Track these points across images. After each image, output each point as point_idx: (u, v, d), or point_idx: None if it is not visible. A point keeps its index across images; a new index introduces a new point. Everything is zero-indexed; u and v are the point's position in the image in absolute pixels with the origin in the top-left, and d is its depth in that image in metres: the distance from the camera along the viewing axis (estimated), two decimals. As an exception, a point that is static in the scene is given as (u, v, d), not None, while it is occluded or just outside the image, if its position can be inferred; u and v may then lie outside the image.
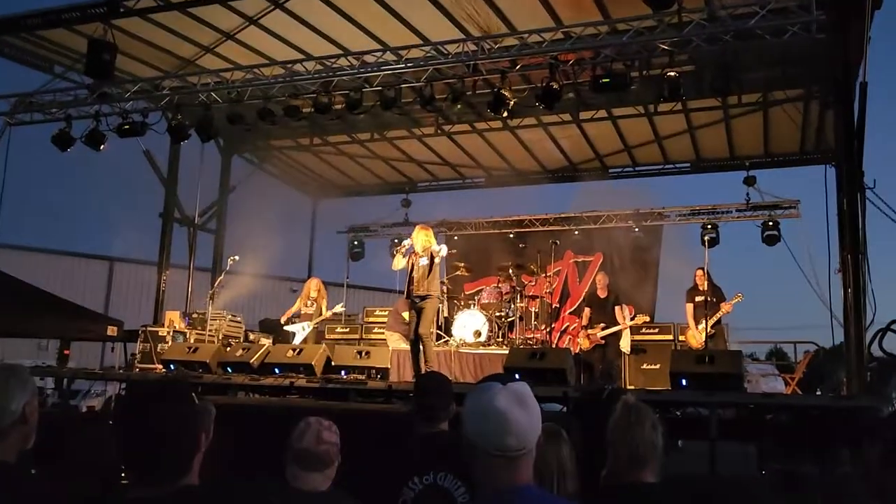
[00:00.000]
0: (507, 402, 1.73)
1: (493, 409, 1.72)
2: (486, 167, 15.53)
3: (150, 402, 1.90)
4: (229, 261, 11.70)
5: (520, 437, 1.71)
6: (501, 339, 11.43)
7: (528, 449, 1.74)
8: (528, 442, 1.73)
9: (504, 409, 1.71)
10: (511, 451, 1.70)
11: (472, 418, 1.76)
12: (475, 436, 1.73)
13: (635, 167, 14.96)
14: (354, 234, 16.80)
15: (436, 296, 9.06)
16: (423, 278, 8.98)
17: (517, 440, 1.71)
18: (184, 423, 1.90)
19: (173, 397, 1.95)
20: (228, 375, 9.42)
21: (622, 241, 14.18)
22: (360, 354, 9.44)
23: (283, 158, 16.00)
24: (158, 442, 1.84)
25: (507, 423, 1.70)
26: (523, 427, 1.72)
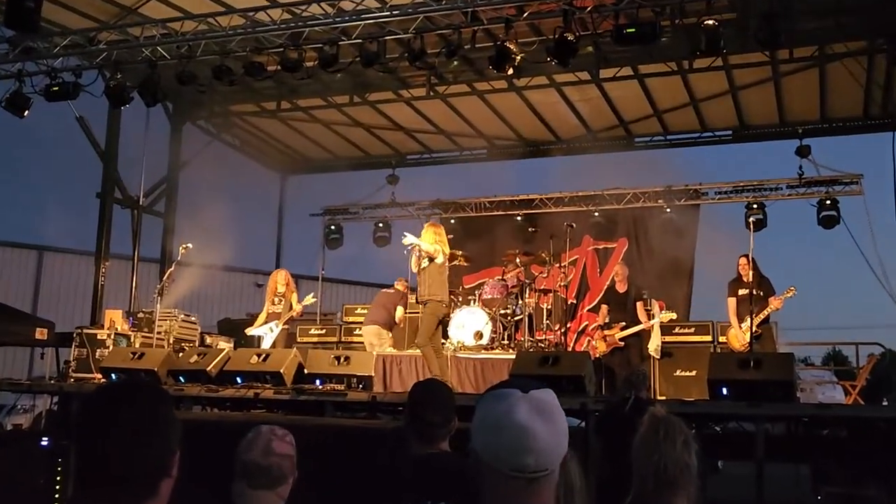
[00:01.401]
0: (528, 414, 1.67)
1: (511, 422, 1.66)
2: (487, 136, 15.51)
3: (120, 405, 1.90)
4: (181, 250, 11.69)
5: (541, 457, 1.65)
6: (507, 342, 11.44)
7: (551, 470, 1.68)
8: (550, 462, 1.67)
9: (524, 423, 1.65)
10: (530, 472, 1.64)
11: (484, 431, 1.70)
12: (486, 453, 1.68)
13: (666, 136, 14.96)
14: (330, 218, 16.78)
15: (437, 301, 9.32)
16: (423, 281, 9.34)
17: (538, 460, 1.65)
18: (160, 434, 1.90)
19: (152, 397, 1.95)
20: (181, 386, 9.43)
21: (651, 225, 14.19)
22: (339, 360, 9.46)
23: (245, 127, 15.96)
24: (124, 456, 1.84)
25: (526, 438, 1.64)
26: (546, 444, 1.66)
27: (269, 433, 3.24)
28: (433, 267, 9.55)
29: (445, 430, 3.30)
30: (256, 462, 3.14)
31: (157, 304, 11.65)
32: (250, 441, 3.20)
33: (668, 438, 2.77)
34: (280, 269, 12.68)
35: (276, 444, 3.20)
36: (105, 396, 1.94)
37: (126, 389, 1.96)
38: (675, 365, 11.49)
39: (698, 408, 7.81)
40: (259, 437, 3.20)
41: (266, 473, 3.14)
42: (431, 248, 9.46)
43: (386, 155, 16.55)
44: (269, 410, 9.28)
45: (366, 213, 16.63)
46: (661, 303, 12.36)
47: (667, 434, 2.79)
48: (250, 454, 3.15)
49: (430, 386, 3.70)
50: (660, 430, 2.81)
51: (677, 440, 2.78)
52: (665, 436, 2.78)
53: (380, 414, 8.98)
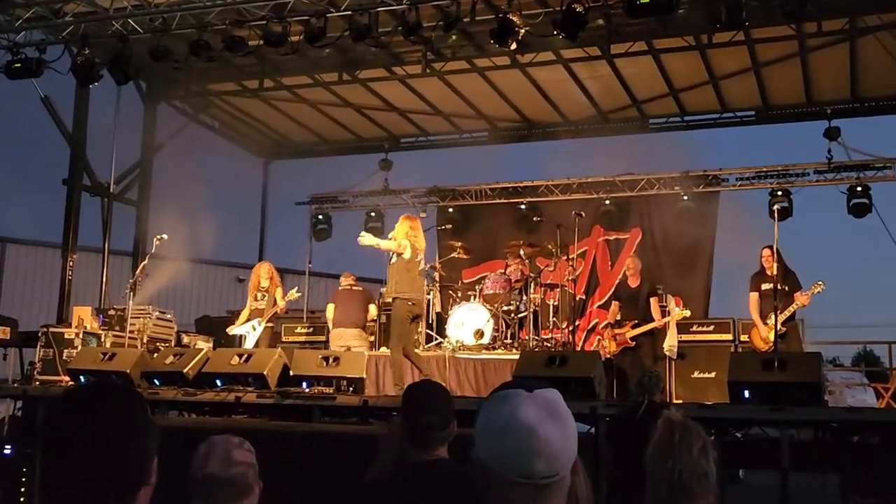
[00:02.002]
0: (535, 415, 1.68)
1: (517, 423, 1.67)
2: (489, 117, 15.48)
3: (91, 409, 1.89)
4: (155, 241, 11.67)
5: (551, 460, 1.66)
6: (510, 341, 11.46)
7: (562, 476, 1.69)
8: (560, 466, 1.68)
9: (532, 424, 1.66)
10: (539, 477, 1.65)
11: (488, 435, 1.71)
12: (492, 459, 1.68)
13: (684, 117, 14.93)
14: (318, 207, 16.75)
15: (403, 298, 9.49)
16: (391, 277, 9.62)
17: (548, 464, 1.66)
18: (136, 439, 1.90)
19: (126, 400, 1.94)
20: (155, 389, 9.43)
21: (666, 214, 14.18)
22: (327, 361, 9.45)
23: (225, 107, 15.92)
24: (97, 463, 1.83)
25: (535, 440, 1.65)
26: (556, 446, 1.67)
27: (225, 442, 3.17)
28: (400, 262, 9.68)
29: (444, 435, 3.29)
30: (217, 475, 3.07)
31: (129, 300, 11.62)
32: (205, 454, 3.12)
33: (684, 444, 2.77)
34: (263, 261, 12.68)
35: (235, 452, 3.13)
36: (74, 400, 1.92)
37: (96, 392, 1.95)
38: (693, 366, 11.50)
39: (717, 412, 7.81)
40: (215, 448, 3.13)
41: (230, 486, 3.07)
42: (395, 243, 9.60)
43: (378, 138, 16.51)
44: (251, 415, 9.27)
45: (356, 201, 16.60)
46: (677, 299, 12.35)
47: (682, 439, 2.79)
48: (208, 468, 3.08)
49: (426, 387, 3.69)
50: (675, 435, 2.81)
51: (694, 446, 2.78)
52: (680, 441, 2.78)
53: (372, 419, 8.98)
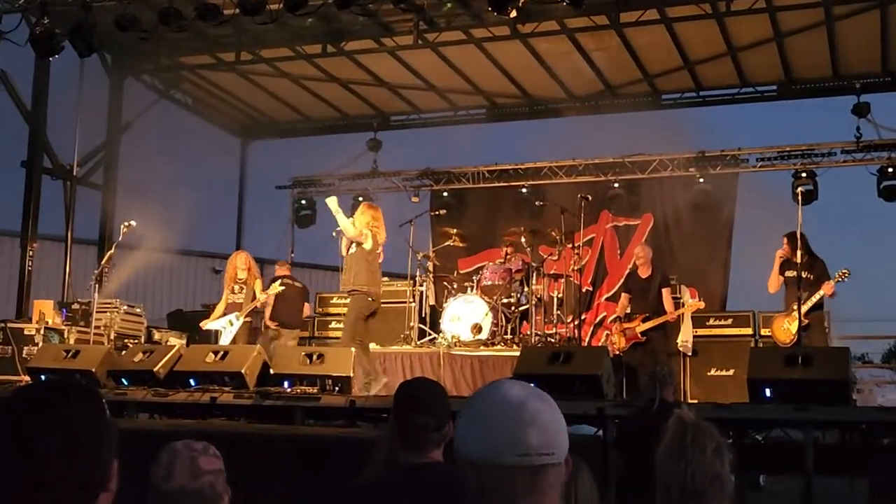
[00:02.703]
0: (521, 391, 1.82)
1: (506, 400, 1.80)
2: (487, 93, 15.46)
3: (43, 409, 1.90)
4: (123, 229, 11.63)
5: (544, 433, 1.77)
6: (510, 336, 11.48)
7: (558, 458, 1.79)
8: (555, 444, 1.79)
9: (520, 398, 1.80)
10: (534, 453, 1.75)
11: (476, 423, 1.82)
12: (482, 447, 1.78)
13: (699, 92, 14.92)
14: (301, 191, 16.75)
15: (362, 292, 9.71)
16: (349, 268, 9.82)
17: (541, 436, 1.76)
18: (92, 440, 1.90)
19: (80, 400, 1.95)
20: (123, 389, 9.43)
21: (680, 197, 14.19)
22: (311, 358, 9.46)
23: (198, 82, 15.87)
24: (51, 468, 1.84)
25: (525, 411, 1.77)
26: (547, 419, 1.79)
27: (188, 450, 3.11)
28: (359, 253, 9.83)
29: (439, 436, 3.30)
30: (183, 488, 3.01)
31: (94, 293, 11.59)
32: (168, 464, 3.06)
33: (697, 445, 2.79)
34: (240, 251, 12.68)
35: (201, 460, 3.08)
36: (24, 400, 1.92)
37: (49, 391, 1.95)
38: (709, 362, 11.54)
39: (736, 412, 7.83)
40: (179, 458, 3.07)
41: (198, 498, 3.02)
42: (355, 230, 9.76)
43: (366, 116, 16.48)
44: (228, 418, 9.27)
45: (343, 184, 16.58)
46: (691, 290, 12.39)
47: (695, 440, 2.80)
48: (173, 480, 3.02)
49: (420, 384, 3.69)
50: (687, 436, 2.82)
51: (707, 447, 2.80)
52: (693, 442, 2.79)
53: (360, 422, 8.99)
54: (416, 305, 12.56)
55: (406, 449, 3.33)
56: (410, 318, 12.19)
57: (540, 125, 16.14)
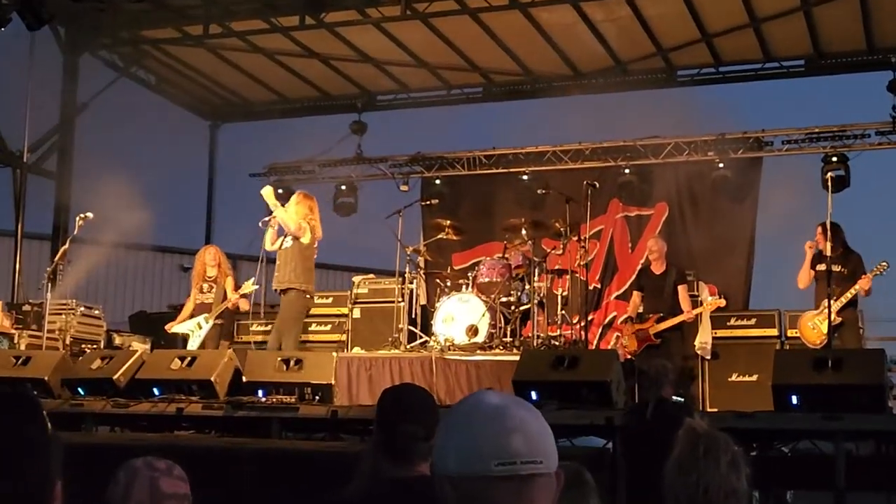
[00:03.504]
0: (500, 399, 1.84)
1: (484, 408, 1.83)
2: (484, 69, 15.43)
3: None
4: (79, 221, 11.63)
5: (530, 440, 1.78)
6: (510, 339, 11.45)
7: (547, 467, 1.79)
8: (543, 451, 1.79)
9: (499, 404, 1.82)
10: (520, 460, 1.76)
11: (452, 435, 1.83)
12: (462, 460, 1.79)
13: (718, 67, 14.91)
14: (277, 179, 16.68)
15: (300, 290, 10.01)
16: (284, 264, 10.03)
17: (527, 442, 1.77)
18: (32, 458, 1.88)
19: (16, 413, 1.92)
20: (80, 400, 9.41)
21: (698, 185, 14.19)
22: (288, 364, 9.44)
23: (163, 58, 15.82)
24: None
25: (507, 418, 1.79)
26: (532, 426, 1.80)
27: (150, 469, 3.04)
28: (296, 248, 10.03)
29: (427, 447, 3.28)
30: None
31: (47, 292, 11.59)
32: (126, 485, 2.98)
33: (710, 456, 2.78)
34: (209, 245, 12.66)
35: (163, 482, 3.02)
36: None
37: None
38: (730, 367, 11.53)
39: (760, 422, 7.81)
40: (138, 478, 2.99)
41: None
42: (295, 223, 9.94)
43: (349, 95, 16.48)
44: (197, 430, 9.26)
45: (324, 171, 16.58)
46: (711, 287, 12.38)
47: (708, 451, 2.80)
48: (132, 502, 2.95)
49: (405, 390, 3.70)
50: (699, 447, 2.82)
51: (721, 459, 2.80)
52: (706, 454, 2.78)
53: (343, 434, 8.97)
54: (405, 305, 12.52)
55: (391, 461, 3.32)
56: (399, 319, 12.16)
57: (542, 105, 16.12)
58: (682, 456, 2.78)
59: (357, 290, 13.26)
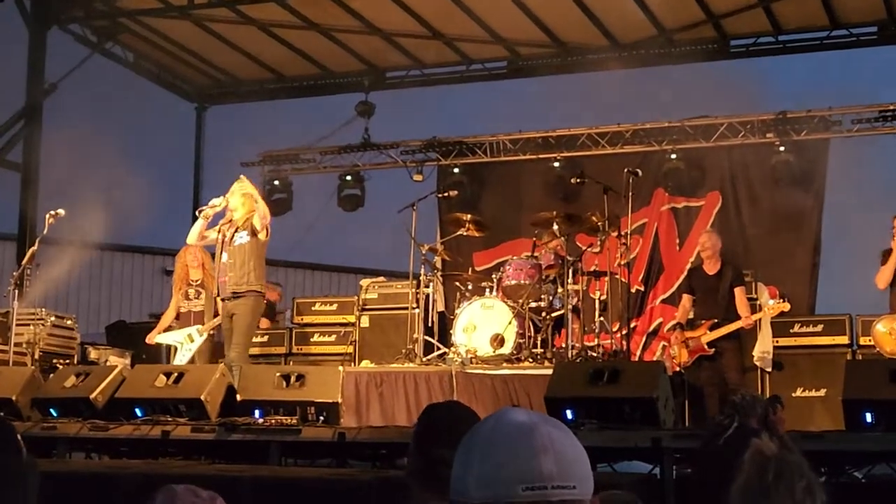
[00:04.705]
0: (527, 416, 1.85)
1: (512, 425, 1.83)
2: (508, 41, 15.42)
3: None
4: (48, 219, 11.66)
5: (562, 461, 1.78)
6: (541, 350, 11.45)
7: (581, 493, 1.79)
8: (576, 475, 1.79)
9: (526, 422, 1.83)
10: (550, 485, 1.75)
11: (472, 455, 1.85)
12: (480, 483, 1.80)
13: (778, 36, 14.85)
14: (273, 169, 16.76)
15: (258, 293, 10.17)
16: (238, 263, 10.08)
17: (558, 464, 1.77)
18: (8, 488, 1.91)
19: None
20: (52, 422, 9.41)
21: (756, 171, 14.16)
22: (288, 380, 9.46)
23: (143, 32, 15.87)
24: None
25: (535, 437, 1.80)
26: (566, 447, 1.80)
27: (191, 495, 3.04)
28: (254, 245, 10.16)
29: None
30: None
31: (13, 301, 11.63)
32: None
33: (782, 483, 2.77)
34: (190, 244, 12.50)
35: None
36: None
37: None
38: (794, 380, 11.50)
39: (829, 443, 7.79)
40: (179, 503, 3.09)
41: None
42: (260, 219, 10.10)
43: (355, 72, 16.52)
44: (185, 456, 9.26)
45: (326, 160, 16.62)
46: (771, 288, 12.33)
47: (779, 477, 2.78)
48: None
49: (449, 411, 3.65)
50: (768, 473, 2.80)
51: (796, 487, 2.78)
52: (777, 479, 2.77)
53: (351, 460, 8.97)
54: (420, 312, 12.51)
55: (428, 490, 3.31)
56: (414, 328, 12.16)
57: (576, 81, 16.10)
58: (748, 483, 2.77)
59: (365, 294, 13.26)
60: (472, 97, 16.71)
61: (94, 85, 15.32)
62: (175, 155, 17.60)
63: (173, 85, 17.31)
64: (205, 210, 10.50)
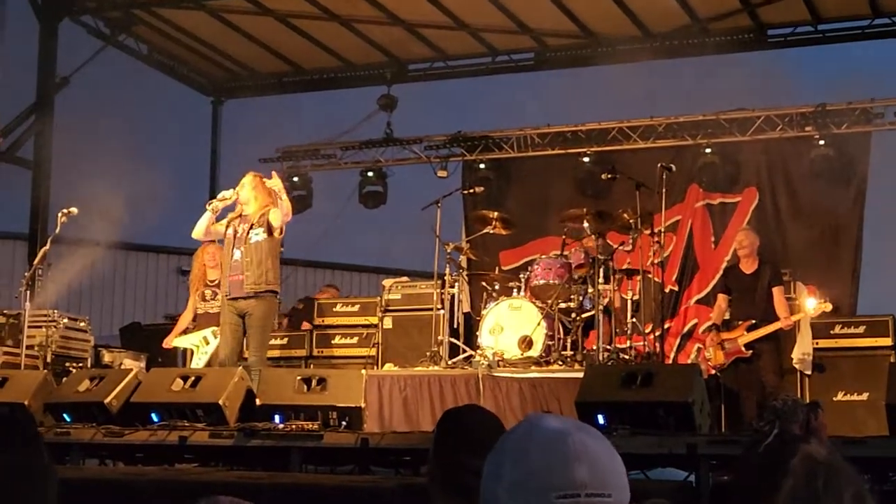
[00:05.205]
0: (560, 423, 1.86)
1: (542, 432, 1.84)
2: (535, 32, 15.41)
3: None
4: (61, 218, 11.70)
5: (596, 469, 1.79)
6: (571, 352, 11.44)
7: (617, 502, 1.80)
8: (612, 484, 1.80)
9: (560, 429, 1.84)
10: (584, 493, 1.76)
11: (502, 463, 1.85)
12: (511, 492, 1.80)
13: (817, 25, 14.79)
14: (292, 165, 16.79)
15: (273, 294, 10.17)
16: (254, 262, 9.99)
17: (592, 472, 1.78)
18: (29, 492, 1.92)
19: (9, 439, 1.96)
20: (66, 427, 9.46)
21: (795, 166, 14.11)
22: (309, 384, 9.46)
23: (157, 24, 15.92)
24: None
25: (569, 444, 1.81)
26: (598, 454, 1.82)
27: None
28: (271, 244, 10.09)
29: None
30: None
31: (25, 302, 11.66)
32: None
33: (831, 491, 2.75)
34: (208, 243, 12.48)
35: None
36: None
37: None
38: (836, 384, 11.44)
39: (872, 449, 7.74)
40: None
41: None
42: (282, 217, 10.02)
43: (377, 64, 16.55)
44: (202, 463, 9.29)
45: (346, 155, 16.67)
46: (810, 288, 12.27)
47: (828, 484, 2.77)
48: None
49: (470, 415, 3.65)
50: (817, 479, 2.79)
51: (844, 493, 2.76)
52: (826, 487, 2.75)
53: (374, 467, 8.97)
54: (445, 313, 12.51)
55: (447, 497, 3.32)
56: (439, 330, 12.17)
57: (606, 73, 16.05)
58: (797, 489, 2.77)
59: (388, 295, 13.25)
60: (498, 90, 16.69)
61: (108, 78, 15.35)
62: (190, 151, 17.70)
63: (188, 78, 17.37)
64: (213, 203, 10.45)
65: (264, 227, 10.08)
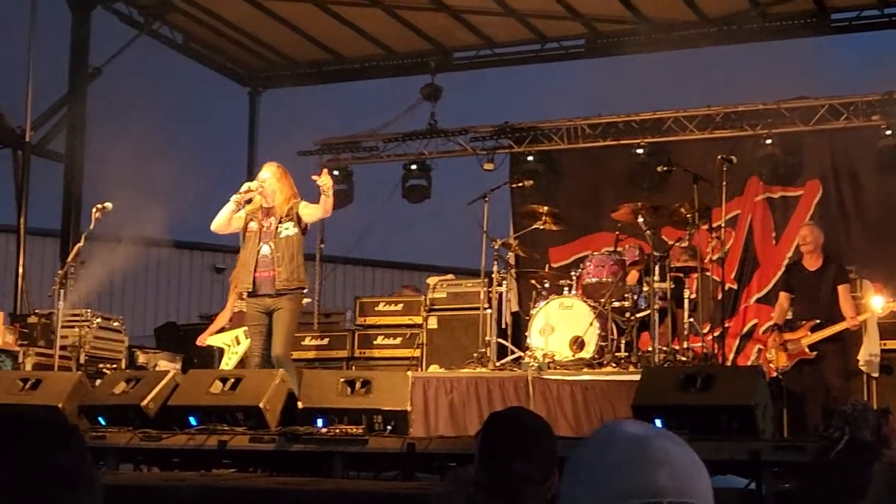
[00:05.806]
0: (641, 428, 1.87)
1: (622, 437, 1.85)
2: (586, 17, 15.38)
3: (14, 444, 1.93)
4: (94, 213, 11.76)
5: (679, 475, 1.79)
6: (625, 354, 11.42)
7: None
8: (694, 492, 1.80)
9: (640, 434, 1.85)
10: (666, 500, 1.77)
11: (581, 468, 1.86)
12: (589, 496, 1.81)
13: (884, 10, 14.67)
14: (332, 158, 16.82)
15: (301, 291, 10.29)
16: (284, 258, 10.03)
17: (673, 477, 1.78)
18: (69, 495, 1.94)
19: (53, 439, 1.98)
20: (101, 431, 9.50)
21: (861, 157, 14.02)
22: (353, 387, 9.48)
23: (192, 12, 16.01)
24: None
25: (649, 448, 1.81)
26: (680, 460, 1.82)
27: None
28: (297, 239, 10.13)
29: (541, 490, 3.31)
30: None
31: (58, 301, 11.73)
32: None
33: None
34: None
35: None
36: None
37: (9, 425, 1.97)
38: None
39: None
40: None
41: None
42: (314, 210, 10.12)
43: (420, 52, 16.60)
44: (242, 468, 9.32)
45: (389, 147, 16.68)
46: (878, 285, 12.18)
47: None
48: None
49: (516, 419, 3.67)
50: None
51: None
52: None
53: (420, 473, 8.99)
54: (493, 313, 12.53)
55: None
56: (486, 330, 12.19)
57: (661, 60, 16.02)
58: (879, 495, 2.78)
59: (433, 294, 13.27)
60: (547, 78, 16.66)
61: (142, 68, 15.42)
62: (226, 143, 17.75)
63: (225, 67, 17.47)
64: (239, 194, 10.40)
65: (294, 221, 10.11)
